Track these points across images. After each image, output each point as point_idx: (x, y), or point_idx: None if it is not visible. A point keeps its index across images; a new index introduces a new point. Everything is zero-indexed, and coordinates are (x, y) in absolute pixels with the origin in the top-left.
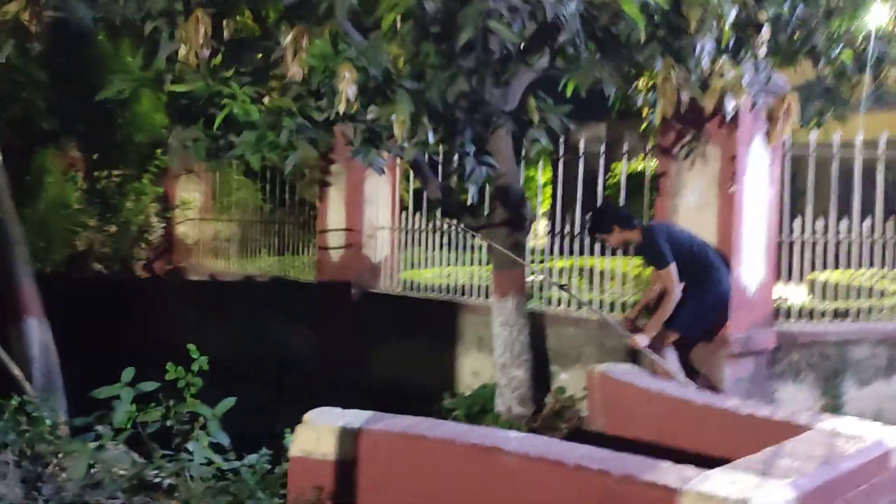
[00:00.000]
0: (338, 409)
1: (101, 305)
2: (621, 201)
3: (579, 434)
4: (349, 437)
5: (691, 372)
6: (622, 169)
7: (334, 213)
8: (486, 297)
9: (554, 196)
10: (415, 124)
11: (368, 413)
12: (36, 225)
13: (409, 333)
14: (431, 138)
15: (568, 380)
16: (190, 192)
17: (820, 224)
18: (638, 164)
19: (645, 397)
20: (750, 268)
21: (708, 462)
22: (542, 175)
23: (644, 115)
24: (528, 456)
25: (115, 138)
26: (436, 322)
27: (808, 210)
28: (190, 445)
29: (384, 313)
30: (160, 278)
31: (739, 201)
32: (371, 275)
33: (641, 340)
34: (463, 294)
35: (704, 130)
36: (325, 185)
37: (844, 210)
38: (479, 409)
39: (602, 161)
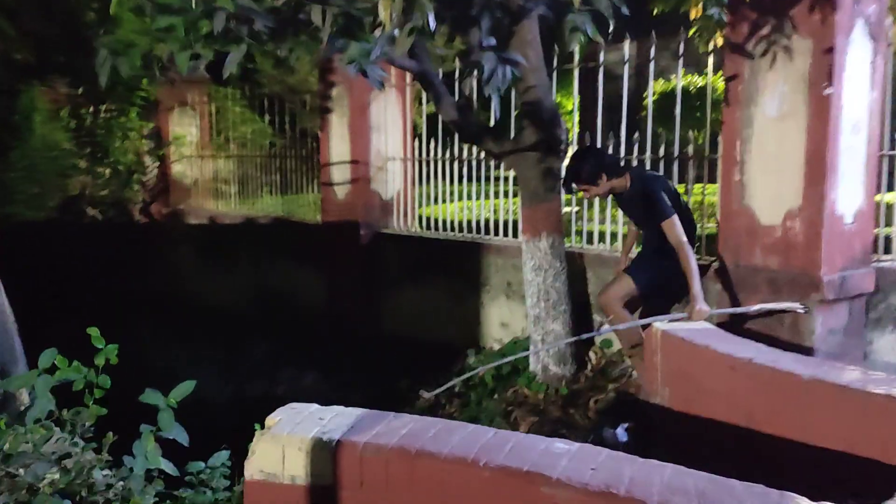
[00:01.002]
0: (314, 408)
1: (96, 253)
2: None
3: (632, 405)
4: (326, 454)
5: (770, 324)
6: (677, 80)
7: (337, 144)
8: (516, 235)
9: (585, 114)
10: (409, 2)
11: (355, 414)
12: (26, 169)
13: (427, 279)
14: (433, 23)
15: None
16: (185, 127)
17: None
18: (671, 84)
19: (727, 365)
20: (847, 191)
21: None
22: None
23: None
24: (586, 490)
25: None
26: (457, 266)
27: None
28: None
29: (398, 256)
30: (157, 223)
31: (837, 107)
32: (382, 213)
33: (703, 308)
34: (488, 233)
35: (790, 17)
36: (326, 112)
37: None
38: (510, 370)
39: (650, 73)
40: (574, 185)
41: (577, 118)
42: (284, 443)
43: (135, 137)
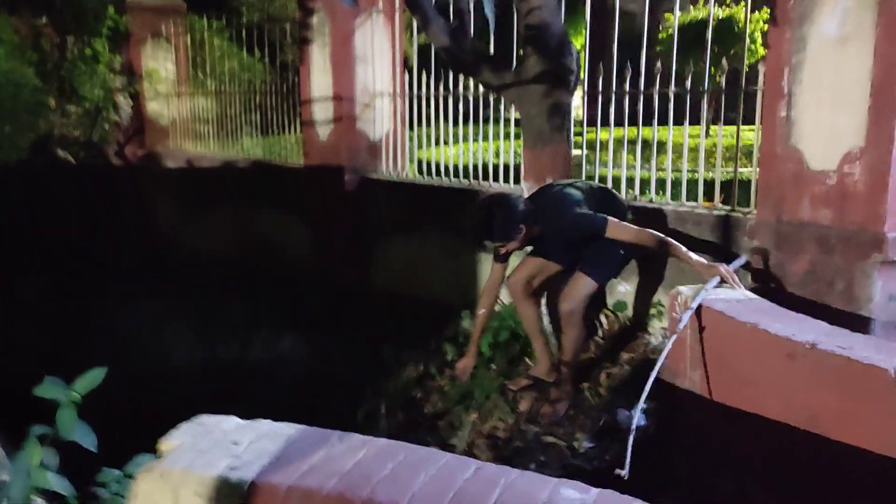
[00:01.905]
0: (230, 423)
1: (69, 197)
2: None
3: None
4: (236, 502)
5: (818, 289)
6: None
7: (319, 78)
8: (518, 181)
9: (593, 45)
10: None
11: (285, 435)
12: None
13: (419, 230)
14: None
15: (629, 292)
16: (159, 62)
17: None
18: (699, 13)
19: (783, 352)
20: None
21: None
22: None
23: None
24: None
25: None
26: (452, 216)
27: None
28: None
29: (387, 204)
30: (132, 166)
31: None
32: (369, 156)
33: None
34: (487, 179)
35: None
36: (305, 42)
37: None
38: (509, 336)
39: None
40: (488, 243)
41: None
42: (177, 483)
43: (103, 72)
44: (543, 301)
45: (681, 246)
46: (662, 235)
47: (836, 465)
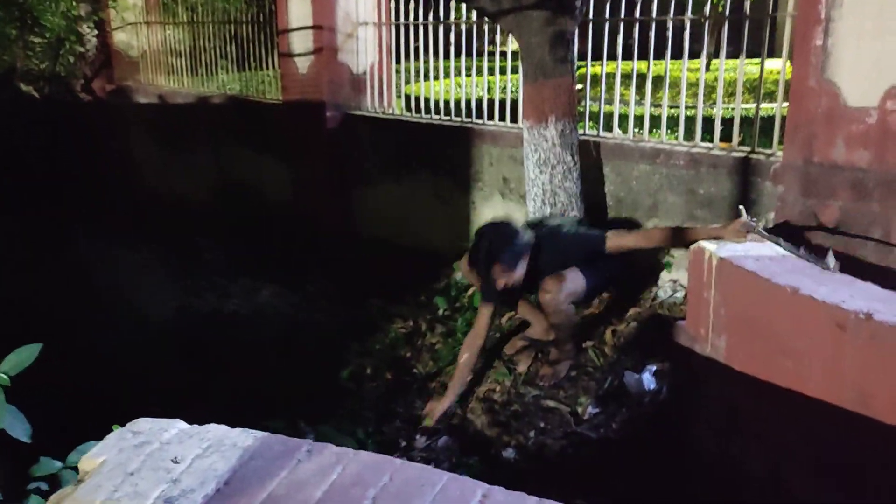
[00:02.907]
0: (172, 432)
1: (33, 135)
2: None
3: (661, 340)
4: None
5: (851, 243)
6: None
7: (297, 5)
8: (515, 120)
9: None
10: None
11: (238, 450)
12: None
13: (408, 172)
14: None
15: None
16: None
17: None
18: None
19: (831, 320)
20: None
21: None
22: None
23: None
24: None
25: None
26: (443, 156)
27: None
28: None
29: (372, 144)
30: (100, 101)
31: None
32: (352, 90)
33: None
34: (481, 116)
35: None
36: None
37: None
38: None
39: None
40: (491, 273)
41: None
42: None
43: None
44: None
45: (697, 228)
46: (671, 227)
47: (890, 453)
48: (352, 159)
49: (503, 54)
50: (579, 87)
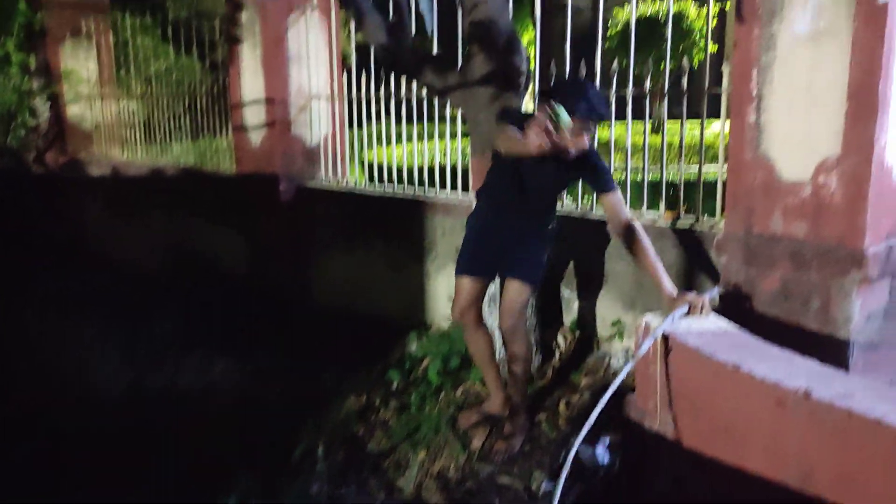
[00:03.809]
0: None
1: None
2: (632, 55)
3: (615, 410)
4: None
5: (792, 309)
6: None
7: (250, 80)
8: (467, 188)
9: (542, 41)
10: None
11: None
12: None
13: (362, 242)
14: None
15: (587, 309)
16: (80, 62)
17: None
18: (645, 10)
19: (771, 399)
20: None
21: None
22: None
23: None
24: None
25: None
26: (397, 227)
27: None
28: None
29: (327, 215)
30: (53, 173)
31: (893, 21)
32: (306, 163)
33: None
34: (433, 186)
35: None
36: (235, 42)
37: None
38: (460, 362)
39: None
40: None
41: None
42: None
43: (15, 73)
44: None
45: (659, 264)
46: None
47: None
48: (307, 230)
49: (453, 118)
50: None
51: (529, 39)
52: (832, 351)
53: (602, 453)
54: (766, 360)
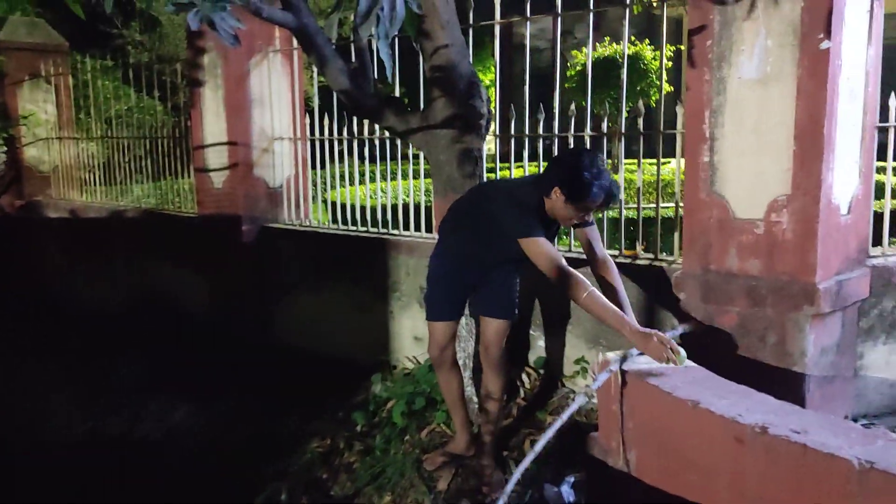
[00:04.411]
0: None
1: None
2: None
3: (580, 446)
4: None
5: (750, 344)
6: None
7: (212, 122)
8: (430, 229)
9: (502, 87)
10: None
11: None
12: None
13: (326, 283)
14: None
15: (552, 347)
16: (38, 104)
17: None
18: (602, 51)
19: (729, 435)
20: (843, 173)
21: None
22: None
23: None
24: None
25: None
26: (361, 266)
27: None
28: None
29: (290, 256)
30: (9, 217)
31: (835, 65)
32: (269, 204)
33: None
34: (397, 226)
35: None
36: (197, 84)
37: None
38: (425, 403)
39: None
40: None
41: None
42: None
43: None
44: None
45: (626, 301)
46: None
47: None
48: (270, 271)
49: (416, 156)
50: None
51: (492, 80)
52: (789, 385)
53: (567, 492)
54: (724, 397)
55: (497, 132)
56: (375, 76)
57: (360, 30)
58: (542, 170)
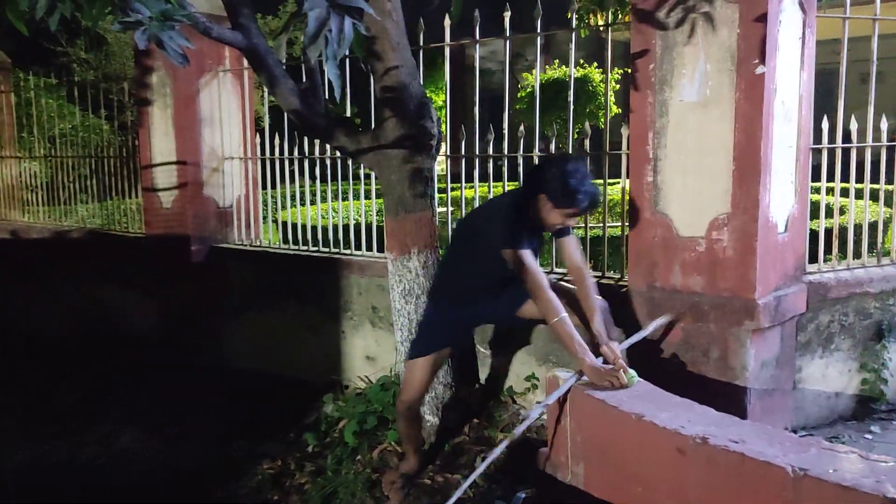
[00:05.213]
0: None
1: None
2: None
3: (530, 461)
4: None
5: (694, 358)
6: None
7: (160, 142)
8: (382, 248)
9: (453, 108)
10: None
11: None
12: None
13: (277, 303)
14: None
15: (502, 365)
16: None
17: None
18: (552, 74)
19: (671, 446)
20: (780, 193)
21: None
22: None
23: None
24: None
25: None
26: (312, 286)
27: (840, 106)
28: None
29: (241, 276)
30: None
31: (769, 89)
32: (219, 224)
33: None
34: (349, 246)
35: None
36: (145, 104)
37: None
38: (377, 422)
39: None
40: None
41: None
42: None
43: None
44: None
45: (597, 311)
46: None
47: None
48: (220, 292)
49: (367, 176)
50: (453, 209)
51: (443, 99)
52: (732, 398)
53: None
54: (667, 409)
55: (448, 153)
56: (326, 96)
57: (309, 51)
58: (504, 188)
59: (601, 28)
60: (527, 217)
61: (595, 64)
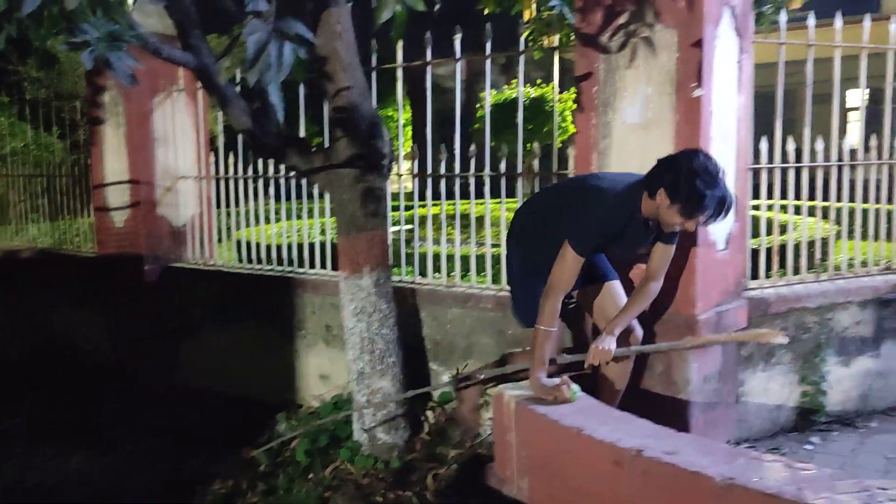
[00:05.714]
0: None
1: None
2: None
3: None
4: None
5: (643, 374)
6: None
7: (113, 161)
8: (336, 266)
9: (419, 128)
10: None
11: None
12: None
13: (231, 322)
14: None
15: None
16: None
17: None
18: (511, 93)
19: (609, 459)
20: None
21: None
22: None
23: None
24: None
25: None
26: (266, 306)
27: (778, 126)
28: None
29: (194, 295)
30: None
31: (707, 111)
32: (173, 243)
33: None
34: (302, 264)
35: (651, 1)
36: (97, 122)
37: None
38: (329, 440)
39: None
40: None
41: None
42: None
43: None
44: None
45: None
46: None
47: None
48: (174, 311)
49: (322, 194)
50: (409, 227)
51: (406, 119)
52: (676, 412)
53: None
54: (607, 423)
55: (414, 171)
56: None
57: (249, 75)
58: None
59: (554, 49)
60: (638, 210)
61: (553, 84)
